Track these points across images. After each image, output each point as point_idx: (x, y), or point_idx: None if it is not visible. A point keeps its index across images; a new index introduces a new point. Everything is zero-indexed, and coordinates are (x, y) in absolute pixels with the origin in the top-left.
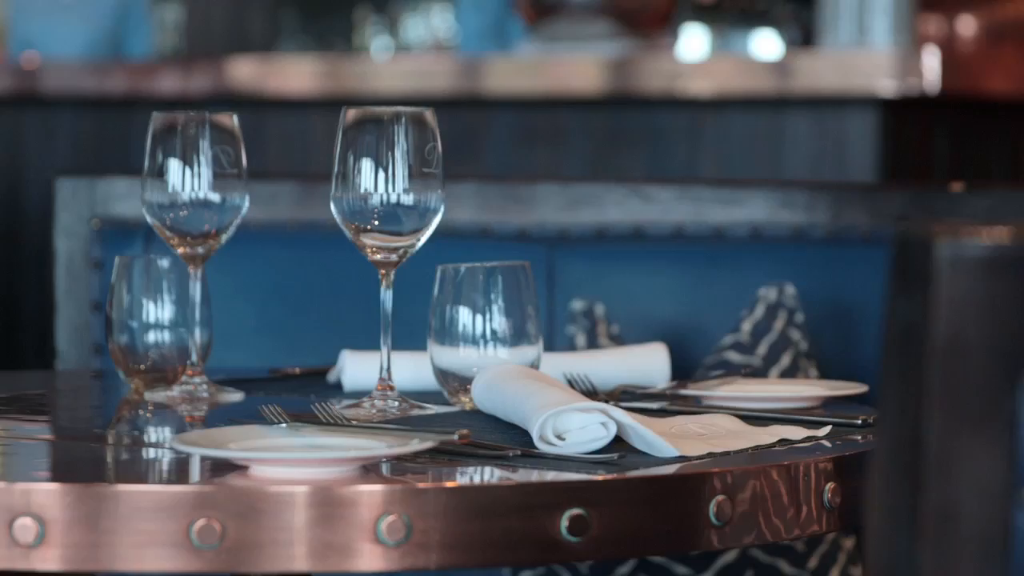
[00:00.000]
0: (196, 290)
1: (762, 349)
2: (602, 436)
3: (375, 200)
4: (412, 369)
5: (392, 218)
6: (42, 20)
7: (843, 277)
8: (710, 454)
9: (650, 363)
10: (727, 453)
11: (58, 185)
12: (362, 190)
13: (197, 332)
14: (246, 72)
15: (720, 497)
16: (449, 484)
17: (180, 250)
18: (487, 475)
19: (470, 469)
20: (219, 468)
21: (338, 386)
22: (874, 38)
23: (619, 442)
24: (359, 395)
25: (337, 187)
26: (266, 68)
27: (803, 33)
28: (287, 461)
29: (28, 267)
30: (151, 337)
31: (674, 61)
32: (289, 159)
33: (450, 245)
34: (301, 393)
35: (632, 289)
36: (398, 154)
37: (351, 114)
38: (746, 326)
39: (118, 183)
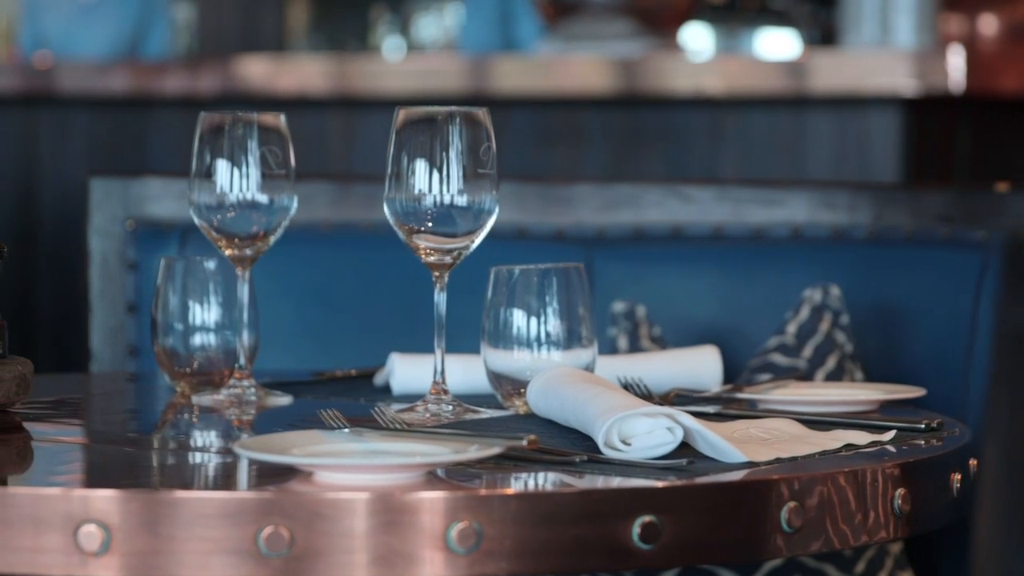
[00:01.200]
0: (244, 292)
1: (807, 351)
2: (668, 441)
3: (429, 201)
4: (462, 372)
5: (446, 219)
6: (60, 21)
7: (886, 278)
8: (777, 459)
9: (702, 366)
10: (794, 458)
11: (91, 185)
12: (416, 191)
13: (245, 334)
14: (253, 72)
15: (792, 504)
16: (520, 490)
17: (228, 252)
18: (556, 481)
19: (538, 475)
20: (282, 474)
21: (386, 389)
22: (897, 37)
23: (683, 447)
24: (410, 399)
25: (391, 188)
26: (274, 68)
27: (820, 32)
28: (355, 467)
29: (43, 266)
30: (197, 340)
31: (693, 60)
32: (301, 159)
33: (486, 246)
34: (350, 396)
35: (671, 290)
36: (452, 154)
37: (403, 114)
38: (791, 328)
39: (152, 183)
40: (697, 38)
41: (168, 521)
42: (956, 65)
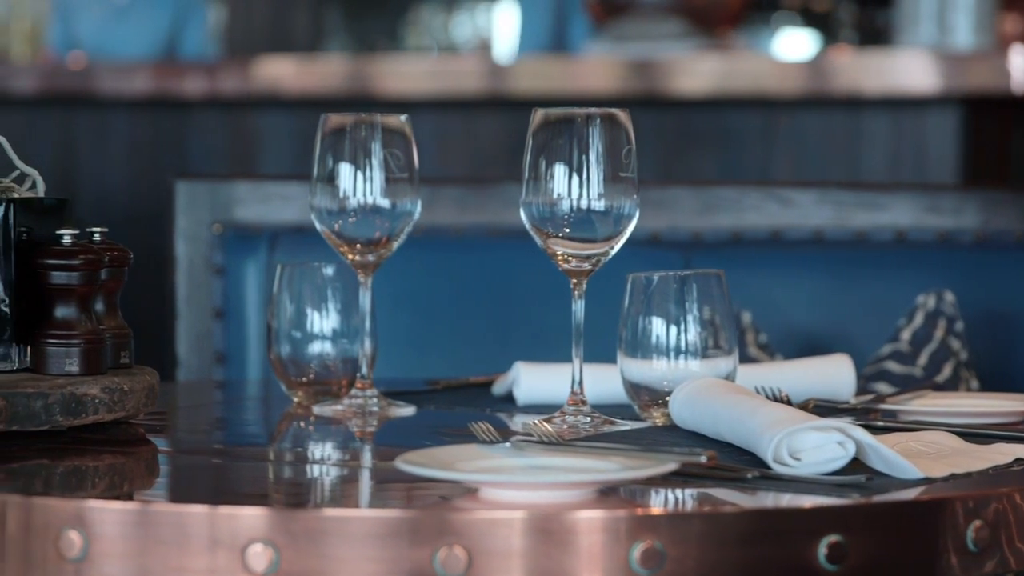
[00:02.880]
0: (366, 299)
1: (923, 359)
2: (840, 456)
3: (566, 206)
4: (590, 382)
5: (585, 224)
6: (94, 22)
7: (995, 283)
8: (952, 475)
9: (836, 375)
10: (969, 474)
11: (177, 189)
12: (554, 195)
13: (367, 343)
14: (278, 73)
15: (977, 522)
16: (704, 509)
17: (350, 257)
18: (732, 499)
19: (711, 492)
20: (441, 490)
21: (507, 399)
22: (955, 38)
23: (851, 461)
24: (536, 409)
25: (528, 192)
26: (288, 68)
27: (868, 34)
28: (527, 485)
29: None
30: (315, 348)
31: (743, 61)
32: (306, 161)
33: None
34: (474, 406)
35: (770, 295)
36: (592, 157)
37: (540, 115)
38: (905, 335)
39: (240, 186)
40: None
41: (336, 541)
42: (1015, 65)
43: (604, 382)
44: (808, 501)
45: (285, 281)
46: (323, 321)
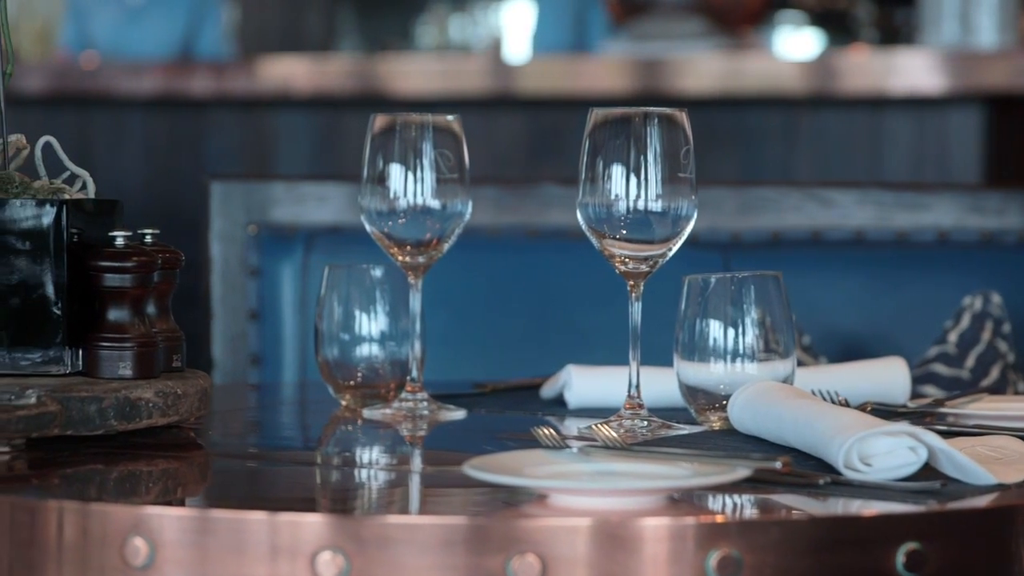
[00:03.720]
0: (417, 301)
1: (970, 361)
2: (912, 462)
3: (623, 207)
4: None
5: (642, 226)
6: (108, 22)
7: None
8: None
9: (891, 378)
10: None
11: (212, 189)
12: (612, 196)
13: (416, 345)
14: (284, 72)
15: None
16: (781, 516)
17: (400, 259)
18: (807, 506)
19: (785, 499)
20: (505, 496)
21: (557, 402)
22: (979, 37)
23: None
24: (589, 412)
25: (584, 192)
26: (301, 67)
27: (888, 32)
28: (598, 491)
29: None
30: (363, 350)
31: (765, 60)
32: (320, 160)
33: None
34: (524, 410)
35: (811, 296)
36: (650, 157)
37: (597, 115)
38: (952, 337)
39: (276, 187)
40: (769, 38)
41: (406, 549)
42: None
43: (652, 384)
44: (886, 508)
45: (333, 283)
46: (371, 323)
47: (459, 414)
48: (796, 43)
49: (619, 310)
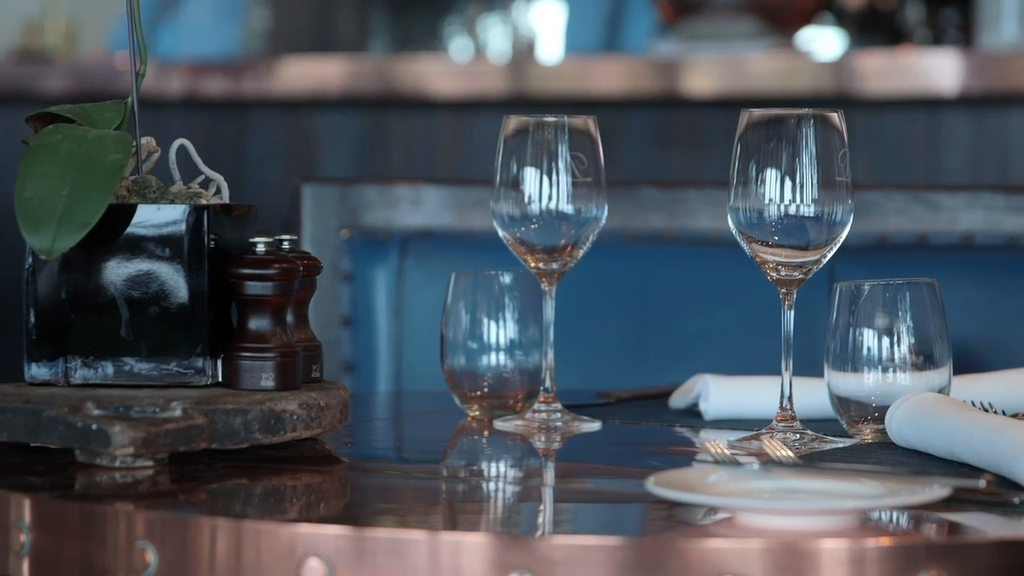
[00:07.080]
0: (550, 309)
1: None
2: None
3: (775, 212)
4: (774, 395)
5: (796, 231)
6: (145, 22)
7: None
8: None
9: None
10: None
11: (303, 192)
12: (764, 200)
13: (550, 354)
14: (292, 73)
15: None
16: (990, 538)
17: (532, 265)
18: (1001, 526)
19: (976, 519)
20: (681, 516)
21: (689, 412)
22: None
23: None
24: (728, 424)
25: (735, 197)
26: (336, 68)
27: (937, 33)
28: (798, 511)
29: None
30: (491, 359)
31: (818, 60)
32: (333, 162)
33: (705, 257)
34: (658, 420)
35: None
36: (805, 160)
37: (749, 116)
38: None
39: (369, 190)
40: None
41: (585, 571)
42: None
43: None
44: None
45: (460, 290)
46: (500, 331)
47: (594, 425)
48: (841, 43)
49: (719, 317)
